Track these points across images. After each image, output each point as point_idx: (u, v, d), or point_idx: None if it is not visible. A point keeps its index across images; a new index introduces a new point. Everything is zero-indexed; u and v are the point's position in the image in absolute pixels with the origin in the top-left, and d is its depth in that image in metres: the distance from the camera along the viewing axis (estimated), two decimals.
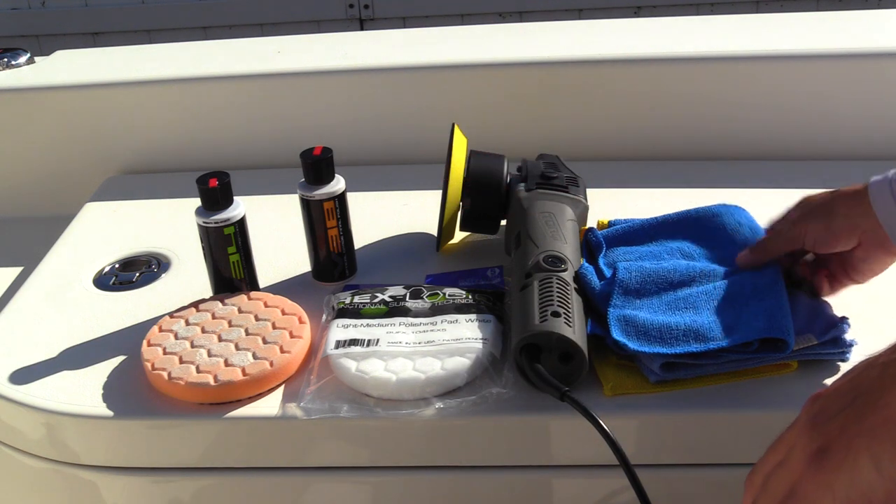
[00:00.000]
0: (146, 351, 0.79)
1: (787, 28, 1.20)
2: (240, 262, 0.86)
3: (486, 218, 0.93)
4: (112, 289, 0.93)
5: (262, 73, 1.17)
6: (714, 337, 0.74)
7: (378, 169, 1.13)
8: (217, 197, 0.83)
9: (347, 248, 0.90)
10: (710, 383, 0.74)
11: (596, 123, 1.15)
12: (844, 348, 0.74)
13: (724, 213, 0.89)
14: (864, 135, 1.13)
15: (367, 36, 1.33)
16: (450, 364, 0.75)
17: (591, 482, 0.78)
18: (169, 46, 1.32)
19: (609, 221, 0.93)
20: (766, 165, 1.10)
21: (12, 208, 1.21)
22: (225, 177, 0.83)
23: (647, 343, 0.74)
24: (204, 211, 0.83)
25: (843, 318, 0.76)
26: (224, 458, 0.77)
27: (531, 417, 0.73)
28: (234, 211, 0.84)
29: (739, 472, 0.75)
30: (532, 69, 1.14)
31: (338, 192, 0.87)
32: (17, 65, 1.24)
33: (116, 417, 0.76)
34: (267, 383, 0.76)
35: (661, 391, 0.73)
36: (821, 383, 0.73)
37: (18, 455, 0.81)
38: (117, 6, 3.16)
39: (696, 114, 1.14)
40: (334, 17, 3.16)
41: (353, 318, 0.81)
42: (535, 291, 0.75)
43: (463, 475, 0.78)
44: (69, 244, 1.02)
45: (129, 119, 1.18)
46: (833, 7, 3.01)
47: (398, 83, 1.16)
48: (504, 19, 3.13)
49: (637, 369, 0.75)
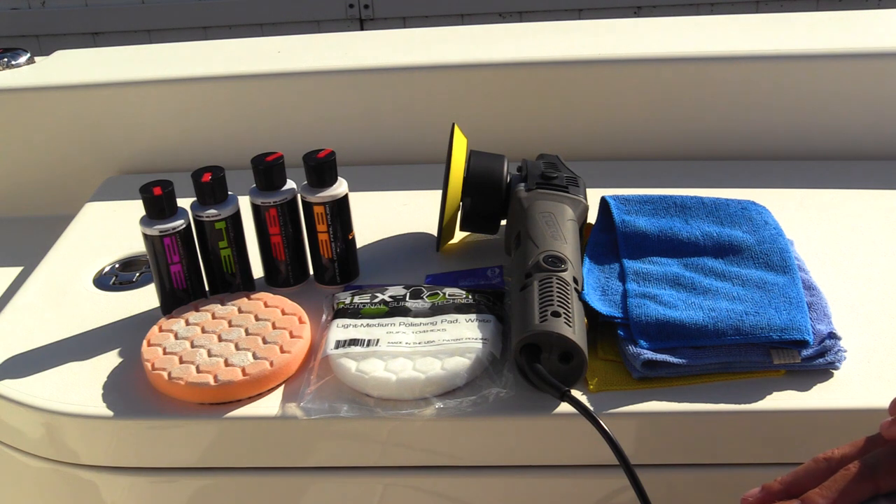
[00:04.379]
0: (146, 351, 0.79)
1: (787, 28, 1.20)
2: (231, 258, 0.86)
3: (486, 218, 0.93)
4: (112, 289, 0.93)
5: (262, 73, 1.17)
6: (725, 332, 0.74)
7: (378, 169, 1.13)
8: (204, 193, 0.83)
9: (340, 254, 0.89)
10: (694, 382, 0.74)
11: (596, 123, 1.15)
12: (834, 360, 0.74)
13: (752, 208, 0.90)
14: (864, 135, 1.13)
15: (367, 36, 1.33)
16: (450, 364, 0.75)
17: (591, 482, 0.78)
18: (169, 46, 1.32)
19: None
20: (766, 165, 1.10)
21: (12, 208, 1.21)
22: (219, 171, 0.84)
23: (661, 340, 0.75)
24: (197, 205, 0.84)
25: (831, 334, 0.75)
26: (224, 458, 0.77)
27: (531, 417, 0.73)
28: (227, 206, 0.84)
29: (739, 472, 0.75)
30: (532, 69, 1.14)
31: (338, 196, 0.86)
32: (17, 65, 1.24)
33: (116, 417, 0.76)
34: (267, 383, 0.76)
35: (645, 388, 0.74)
36: (816, 385, 0.74)
37: (18, 455, 0.81)
38: (117, 6, 3.16)
39: (696, 114, 1.14)
40: (334, 17, 3.16)
41: (353, 318, 0.81)
42: (535, 291, 0.75)
43: (463, 475, 0.78)
44: (69, 244, 1.02)
45: (129, 119, 1.18)
46: (833, 7, 3.01)
47: (398, 83, 1.16)
48: (504, 19, 3.13)
49: (622, 366, 0.76)
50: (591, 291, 0.79)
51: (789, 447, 0.73)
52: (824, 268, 0.88)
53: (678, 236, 0.86)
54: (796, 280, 0.80)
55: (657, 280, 0.81)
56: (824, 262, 0.89)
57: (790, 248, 0.86)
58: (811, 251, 0.90)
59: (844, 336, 0.76)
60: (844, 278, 0.86)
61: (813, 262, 0.88)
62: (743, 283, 0.80)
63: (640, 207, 0.90)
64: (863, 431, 0.59)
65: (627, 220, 0.88)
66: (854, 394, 0.73)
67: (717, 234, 0.86)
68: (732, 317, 0.75)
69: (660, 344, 0.75)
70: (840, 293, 0.84)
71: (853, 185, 1.03)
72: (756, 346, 0.74)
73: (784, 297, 0.78)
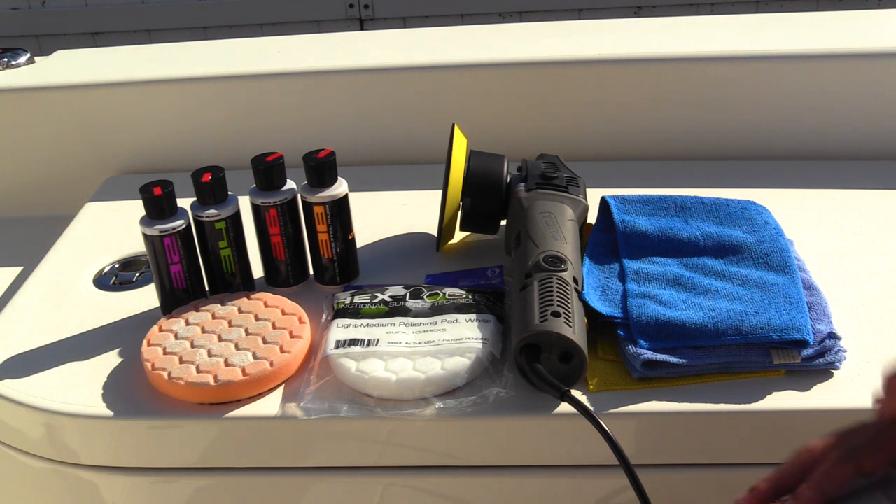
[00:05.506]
0: (146, 351, 0.79)
1: (787, 28, 1.20)
2: (231, 257, 0.86)
3: (486, 218, 0.92)
4: (112, 289, 0.93)
5: (262, 73, 1.17)
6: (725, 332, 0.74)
7: (378, 169, 1.13)
8: (204, 193, 0.84)
9: (340, 254, 0.89)
10: (694, 382, 0.74)
11: (596, 123, 1.15)
12: (834, 360, 0.74)
13: (752, 208, 0.90)
14: (864, 135, 1.12)
15: (367, 36, 1.33)
16: (450, 364, 0.75)
17: (591, 482, 0.78)
18: (169, 46, 1.32)
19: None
20: (766, 165, 1.10)
21: (12, 208, 1.21)
22: (219, 171, 0.84)
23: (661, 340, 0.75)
24: (197, 205, 0.84)
25: (831, 334, 0.75)
26: (224, 458, 0.77)
27: (531, 417, 0.73)
28: (227, 206, 0.84)
29: (739, 472, 0.75)
30: (532, 69, 1.14)
31: (338, 196, 0.86)
32: (17, 65, 1.24)
33: (116, 417, 0.76)
34: (267, 383, 0.76)
35: (645, 388, 0.74)
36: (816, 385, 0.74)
37: (18, 455, 0.81)
38: (117, 6, 3.16)
39: (695, 114, 1.14)
40: (334, 17, 3.16)
41: (353, 318, 0.81)
42: (535, 291, 0.75)
43: (463, 475, 0.78)
44: (69, 244, 1.02)
45: (129, 119, 1.18)
46: (833, 7, 3.01)
47: (398, 83, 1.16)
48: (504, 19, 3.13)
49: (622, 366, 0.76)
50: (591, 291, 0.79)
51: (789, 447, 0.72)
52: (824, 268, 0.88)
53: (678, 236, 0.86)
54: (796, 280, 0.80)
55: (657, 280, 0.81)
56: (824, 262, 0.89)
57: (790, 248, 0.86)
58: (811, 251, 0.90)
59: (844, 336, 0.76)
60: (844, 278, 0.86)
61: (813, 262, 0.88)
62: (743, 283, 0.80)
63: (640, 207, 0.90)
64: None
65: (627, 220, 0.88)
66: (854, 394, 0.72)
67: (717, 234, 0.86)
68: (732, 317, 0.75)
69: (660, 344, 0.75)
70: (840, 293, 0.84)
71: (853, 185, 1.03)
72: (756, 346, 0.74)
73: (784, 297, 0.78)
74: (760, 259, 0.83)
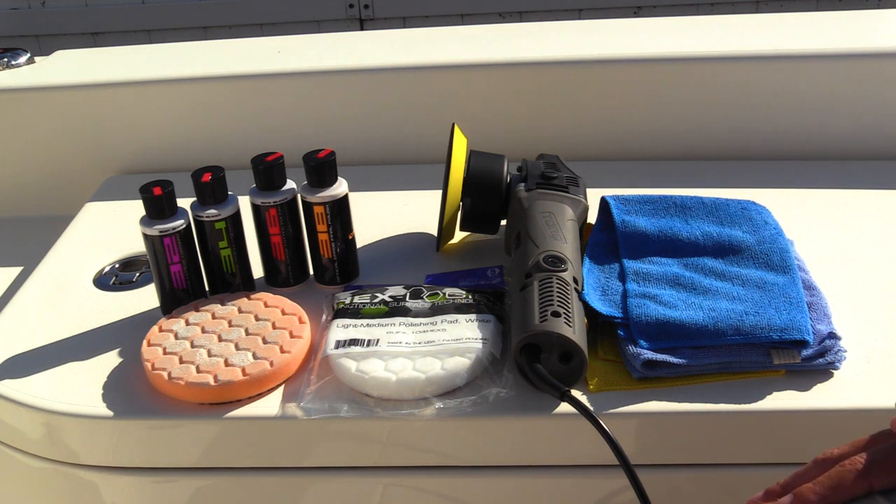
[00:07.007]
0: (146, 351, 0.79)
1: (787, 28, 1.20)
2: (231, 257, 0.86)
3: (486, 218, 0.93)
4: (112, 289, 0.93)
5: (262, 73, 1.17)
6: (725, 332, 0.74)
7: (378, 169, 1.13)
8: (204, 193, 0.84)
9: (340, 254, 0.89)
10: (694, 382, 0.74)
11: (596, 123, 1.15)
12: (834, 360, 0.74)
13: (752, 208, 0.90)
14: (864, 135, 1.12)
15: (367, 36, 1.33)
16: (450, 364, 0.75)
17: (591, 482, 0.78)
18: (169, 46, 1.32)
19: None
20: (766, 165, 1.10)
21: (12, 208, 1.21)
22: (219, 171, 0.84)
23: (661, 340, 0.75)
24: (197, 205, 0.84)
25: (831, 334, 0.75)
26: (224, 458, 0.77)
27: (531, 417, 0.73)
28: (227, 206, 0.84)
29: (739, 472, 0.75)
30: (532, 69, 1.13)
31: (338, 196, 0.86)
32: (17, 65, 1.24)
33: (116, 417, 0.76)
34: (267, 383, 0.76)
35: (645, 388, 0.74)
36: (816, 385, 0.74)
37: (18, 455, 0.81)
38: (117, 6, 3.16)
39: (695, 114, 1.14)
40: (334, 17, 3.16)
41: (353, 318, 0.81)
42: (535, 291, 0.75)
43: (463, 475, 0.78)
44: (69, 244, 1.02)
45: (129, 119, 1.18)
46: (833, 7, 3.01)
47: (398, 83, 1.16)
48: (504, 19, 3.13)
49: (622, 366, 0.76)
50: (591, 291, 0.79)
51: (789, 447, 0.73)
52: (824, 268, 0.88)
53: (678, 236, 0.86)
54: (796, 280, 0.80)
55: (657, 280, 0.81)
56: (824, 262, 0.89)
57: (790, 248, 0.86)
58: (811, 251, 0.90)
59: (844, 336, 0.76)
60: (844, 278, 0.86)
61: (813, 262, 0.88)
62: (743, 283, 0.80)
63: (640, 207, 0.90)
64: (863, 431, 0.58)
65: (627, 220, 0.88)
66: (854, 394, 0.73)
67: (717, 234, 0.86)
68: (732, 317, 0.75)
69: (660, 344, 0.75)
70: (840, 293, 0.84)
71: (853, 185, 1.03)
72: (756, 346, 0.74)
73: (784, 296, 0.78)
74: (760, 259, 0.83)
